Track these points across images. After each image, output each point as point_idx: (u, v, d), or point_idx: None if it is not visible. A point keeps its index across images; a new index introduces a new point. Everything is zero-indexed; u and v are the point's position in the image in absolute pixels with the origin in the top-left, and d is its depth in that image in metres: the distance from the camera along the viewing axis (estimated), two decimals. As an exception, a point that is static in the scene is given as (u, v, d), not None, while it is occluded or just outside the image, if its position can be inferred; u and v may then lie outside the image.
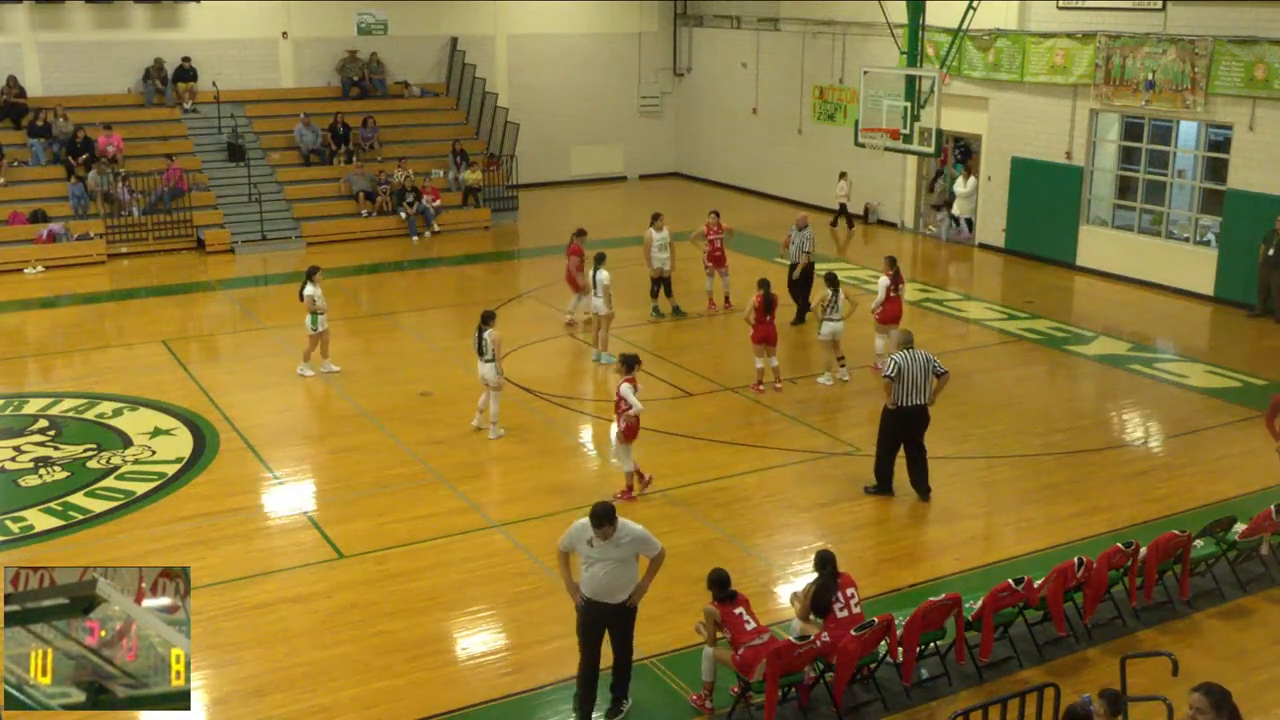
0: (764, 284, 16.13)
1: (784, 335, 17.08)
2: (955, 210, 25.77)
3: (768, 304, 15.78)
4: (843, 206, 26.71)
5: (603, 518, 8.43)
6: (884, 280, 16.60)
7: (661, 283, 19.58)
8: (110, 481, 13.29)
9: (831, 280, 16.35)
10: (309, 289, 16.30)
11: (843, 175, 26.75)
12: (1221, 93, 20.01)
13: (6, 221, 23.49)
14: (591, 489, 13.16)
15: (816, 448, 14.33)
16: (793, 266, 18.91)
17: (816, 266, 19.16)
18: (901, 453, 12.76)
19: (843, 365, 16.55)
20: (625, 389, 12.56)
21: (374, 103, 28.64)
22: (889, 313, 16.59)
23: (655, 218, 19.33)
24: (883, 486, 12.81)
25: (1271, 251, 19.35)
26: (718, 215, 19.95)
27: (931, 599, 9.35)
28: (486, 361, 14.21)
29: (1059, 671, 9.46)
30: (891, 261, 16.83)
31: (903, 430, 12.52)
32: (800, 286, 18.93)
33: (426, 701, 9.20)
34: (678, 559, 11.31)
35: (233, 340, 19.40)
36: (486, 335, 14.14)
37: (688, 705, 9.13)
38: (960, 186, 25.63)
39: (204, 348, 18.83)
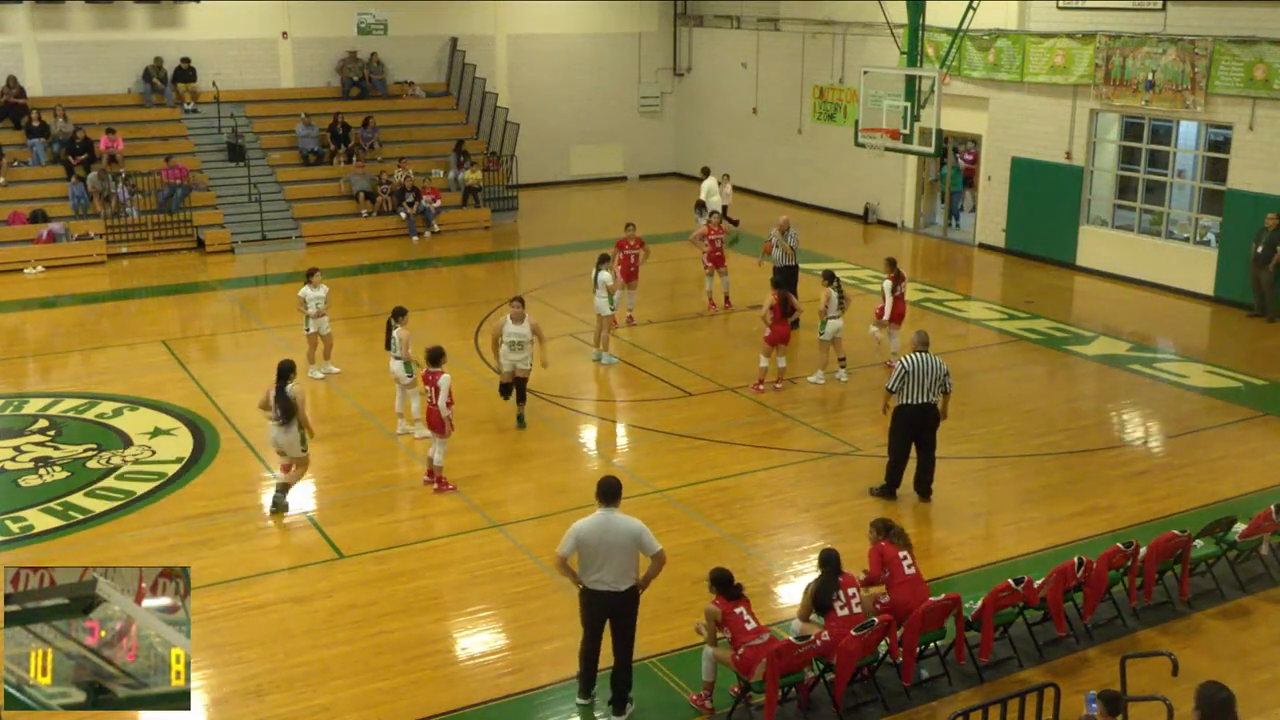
0: (778, 285, 16.17)
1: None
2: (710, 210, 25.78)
3: (785, 305, 15.81)
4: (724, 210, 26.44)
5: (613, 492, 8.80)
6: (887, 283, 16.60)
7: (513, 386, 14.74)
8: (110, 481, 13.29)
9: (830, 278, 16.35)
10: (301, 290, 16.34)
11: (726, 178, 26.50)
12: (1221, 93, 20.01)
13: (6, 221, 23.50)
14: (592, 489, 13.13)
15: (817, 448, 14.33)
16: (790, 268, 18.71)
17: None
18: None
19: (843, 366, 16.54)
20: (444, 380, 12.67)
21: (374, 103, 28.64)
22: (894, 313, 16.61)
23: (515, 302, 14.57)
24: (890, 489, 12.79)
25: (1260, 249, 19.42)
26: (718, 215, 19.95)
27: (932, 599, 9.35)
28: (396, 359, 14.38)
29: (1059, 671, 9.46)
30: (892, 263, 16.84)
31: (912, 429, 12.50)
32: (792, 289, 18.78)
33: (426, 701, 9.20)
34: (678, 559, 11.32)
35: (233, 340, 19.40)
36: (396, 333, 14.32)
37: (688, 705, 9.14)
38: (703, 192, 25.68)
39: (204, 348, 18.83)
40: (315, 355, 16.69)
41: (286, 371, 12.27)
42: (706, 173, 26.27)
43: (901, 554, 9.57)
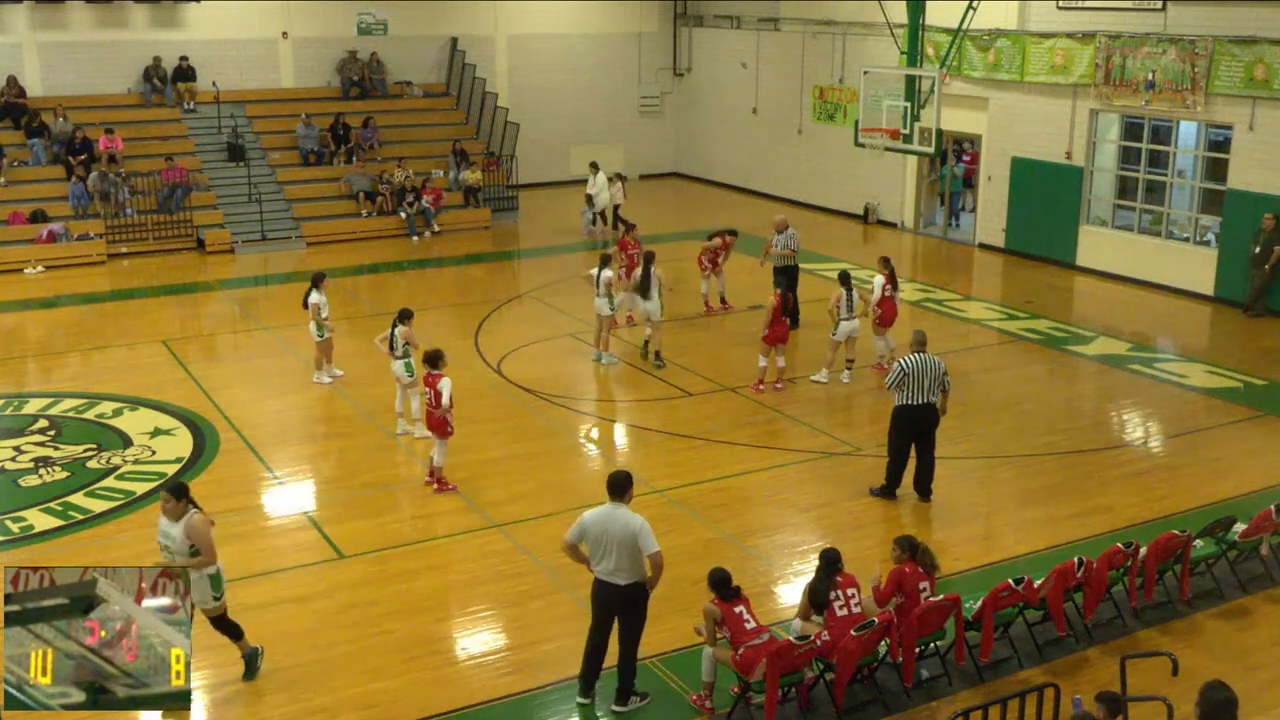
0: (780, 284, 16.20)
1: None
2: (597, 206, 26.02)
3: (784, 305, 15.82)
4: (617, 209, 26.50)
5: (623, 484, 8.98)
6: (879, 280, 16.58)
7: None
8: (110, 481, 13.29)
9: (845, 278, 16.34)
10: (314, 296, 16.11)
11: (614, 178, 26.68)
12: (1221, 93, 20.01)
13: (6, 221, 23.49)
14: (592, 489, 13.15)
15: (817, 448, 14.33)
16: (791, 268, 18.69)
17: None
18: (906, 451, 12.76)
19: (849, 367, 16.51)
20: (445, 384, 12.66)
21: (374, 103, 28.64)
22: (885, 314, 16.58)
23: (165, 491, 9.33)
24: (890, 489, 12.79)
25: (1258, 249, 19.45)
26: (735, 236, 19.96)
27: (931, 599, 9.35)
28: (398, 358, 14.39)
29: (1059, 671, 9.47)
30: (885, 262, 16.81)
31: (911, 429, 12.51)
32: (793, 288, 18.78)
33: (426, 701, 9.20)
34: (678, 559, 11.32)
35: (233, 340, 19.40)
36: (397, 332, 14.33)
37: (688, 705, 9.14)
38: (590, 186, 25.92)
39: (204, 348, 18.82)
40: (323, 361, 16.58)
41: (649, 260, 17.04)
42: (595, 168, 26.47)
43: (922, 585, 9.27)
